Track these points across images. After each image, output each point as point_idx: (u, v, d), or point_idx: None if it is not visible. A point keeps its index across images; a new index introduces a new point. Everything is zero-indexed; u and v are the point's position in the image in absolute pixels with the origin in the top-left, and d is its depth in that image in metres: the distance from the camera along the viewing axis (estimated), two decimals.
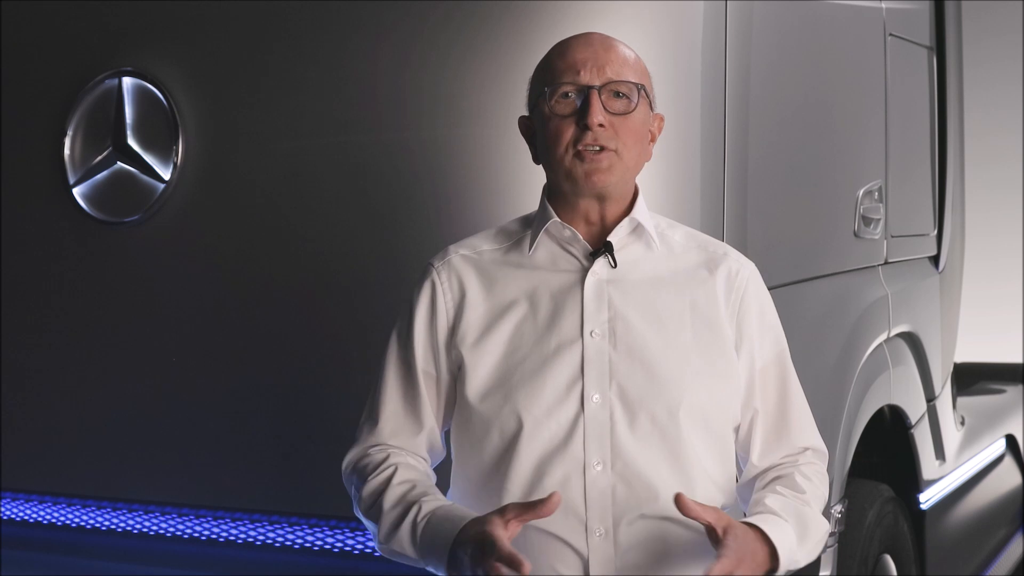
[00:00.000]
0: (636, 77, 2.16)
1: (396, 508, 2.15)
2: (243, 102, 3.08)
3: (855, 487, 3.39)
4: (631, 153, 2.15)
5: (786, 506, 2.16)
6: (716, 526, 2.04)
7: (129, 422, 3.19)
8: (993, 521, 5.12)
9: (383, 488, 2.18)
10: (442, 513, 2.11)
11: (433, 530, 2.09)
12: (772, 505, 2.15)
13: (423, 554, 2.11)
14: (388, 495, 2.17)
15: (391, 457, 2.22)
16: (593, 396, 2.12)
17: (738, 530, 2.05)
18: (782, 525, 2.12)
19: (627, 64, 2.16)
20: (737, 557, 2.02)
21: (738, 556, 2.02)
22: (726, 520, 2.05)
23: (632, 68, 2.16)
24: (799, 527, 2.15)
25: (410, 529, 2.12)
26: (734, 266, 2.24)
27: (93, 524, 3.26)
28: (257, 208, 3.06)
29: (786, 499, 2.17)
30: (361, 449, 2.26)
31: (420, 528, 2.11)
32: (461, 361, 2.18)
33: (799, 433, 2.27)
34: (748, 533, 2.07)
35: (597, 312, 2.15)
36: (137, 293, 3.19)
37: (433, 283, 2.24)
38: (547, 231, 2.20)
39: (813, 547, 2.19)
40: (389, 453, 2.23)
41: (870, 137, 3.61)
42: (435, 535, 2.09)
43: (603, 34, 2.20)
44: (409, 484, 2.18)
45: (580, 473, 2.10)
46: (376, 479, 2.19)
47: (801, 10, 3.20)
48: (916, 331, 3.87)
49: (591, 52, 2.15)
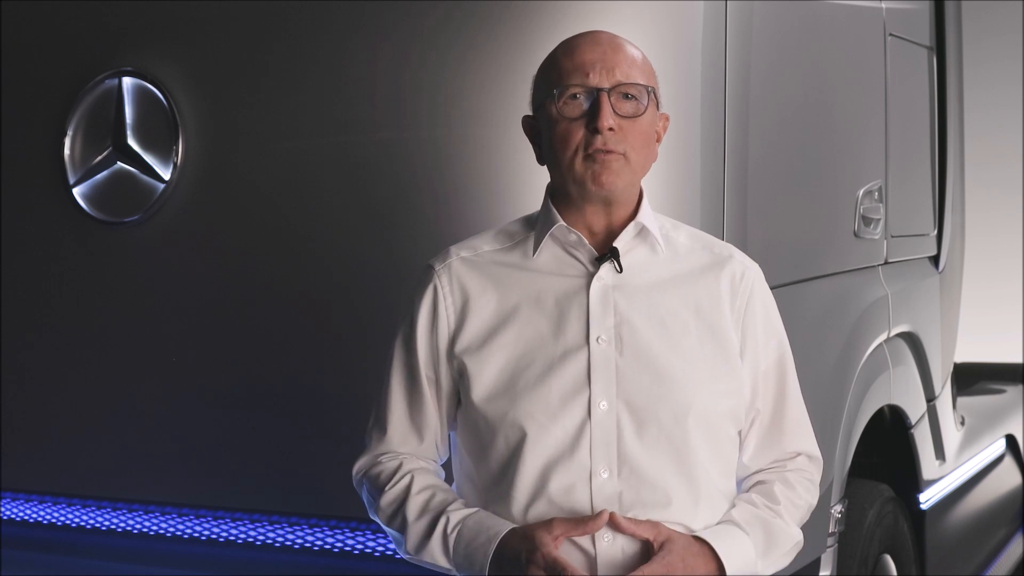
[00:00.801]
0: (645, 79, 2.14)
1: (422, 519, 2.16)
2: (243, 102, 3.08)
3: (855, 487, 3.39)
4: (639, 156, 2.13)
5: (752, 517, 2.16)
6: (654, 541, 2.05)
7: (129, 422, 3.19)
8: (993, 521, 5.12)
9: (404, 497, 2.18)
10: (473, 523, 2.12)
11: (467, 541, 2.10)
12: (736, 516, 2.16)
13: (459, 566, 2.13)
14: (410, 505, 2.17)
15: (404, 464, 2.22)
16: (600, 403, 2.10)
17: (677, 543, 2.06)
18: (738, 537, 2.12)
19: (636, 65, 2.14)
20: (665, 568, 2.03)
21: (666, 567, 2.03)
22: (666, 534, 2.06)
23: (641, 69, 2.15)
24: (764, 538, 2.15)
25: (441, 540, 2.13)
26: (739, 269, 2.22)
27: (93, 524, 3.26)
28: (257, 208, 3.06)
29: (755, 509, 2.18)
30: (371, 457, 2.26)
31: (452, 539, 2.12)
32: (464, 367, 2.17)
33: (792, 438, 2.26)
34: (690, 546, 2.07)
35: (603, 318, 2.13)
36: (137, 293, 3.19)
37: (435, 288, 2.22)
38: (552, 235, 2.18)
39: (780, 557, 2.19)
40: (402, 461, 2.23)
41: (870, 137, 3.61)
42: (471, 546, 2.10)
43: (611, 33, 2.18)
44: (430, 492, 2.18)
45: (586, 481, 2.09)
46: (394, 489, 2.19)
47: (801, 10, 3.20)
48: (916, 331, 3.87)
49: (600, 53, 2.13)
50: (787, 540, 2.19)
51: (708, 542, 2.09)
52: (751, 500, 2.19)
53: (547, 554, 2.03)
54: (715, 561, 2.08)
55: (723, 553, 2.08)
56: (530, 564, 2.03)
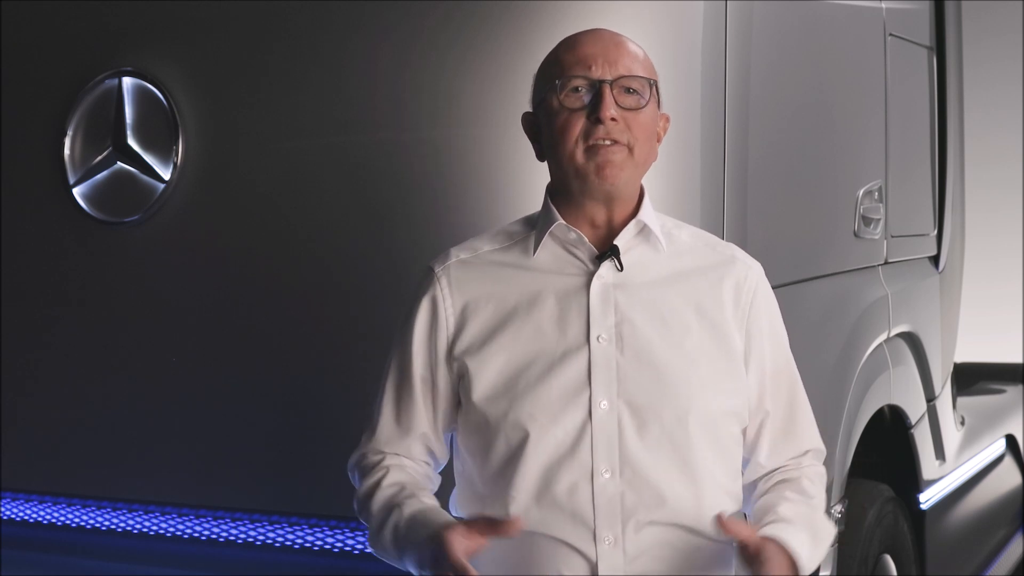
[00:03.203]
0: (647, 73, 2.14)
1: (383, 510, 2.17)
2: (243, 102, 3.08)
3: (855, 487, 3.39)
4: (641, 149, 2.12)
5: (799, 514, 2.16)
6: (749, 543, 2.04)
7: (129, 422, 3.19)
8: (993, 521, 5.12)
9: (373, 490, 2.20)
10: (421, 516, 2.12)
11: (411, 531, 2.11)
12: (786, 514, 2.15)
13: (401, 555, 2.14)
14: (377, 497, 2.19)
15: (384, 460, 2.23)
16: (601, 403, 2.09)
17: (770, 547, 2.05)
18: (799, 534, 2.12)
19: (637, 60, 2.14)
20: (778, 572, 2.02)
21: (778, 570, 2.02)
22: (757, 536, 2.06)
23: (642, 65, 2.14)
24: (811, 533, 2.15)
25: (392, 530, 2.14)
26: (742, 269, 2.21)
27: (93, 524, 3.26)
28: (257, 208, 3.06)
29: (798, 507, 2.17)
30: (359, 454, 2.28)
31: (401, 529, 2.13)
32: (465, 368, 2.16)
33: (804, 435, 2.27)
34: (778, 549, 2.06)
35: (603, 317, 2.12)
36: (137, 293, 3.19)
37: (435, 291, 2.20)
38: (551, 233, 2.17)
39: (822, 552, 2.20)
40: (384, 457, 2.24)
41: (870, 137, 3.62)
42: (412, 536, 2.10)
43: (612, 30, 2.18)
44: (397, 487, 2.19)
45: (588, 480, 2.09)
46: (368, 482, 2.22)
47: (801, 10, 3.20)
48: (916, 331, 3.87)
49: (602, 47, 2.12)
50: (828, 533, 2.21)
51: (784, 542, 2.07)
52: (789, 498, 2.19)
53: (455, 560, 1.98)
54: (790, 558, 2.07)
55: (797, 551, 2.08)
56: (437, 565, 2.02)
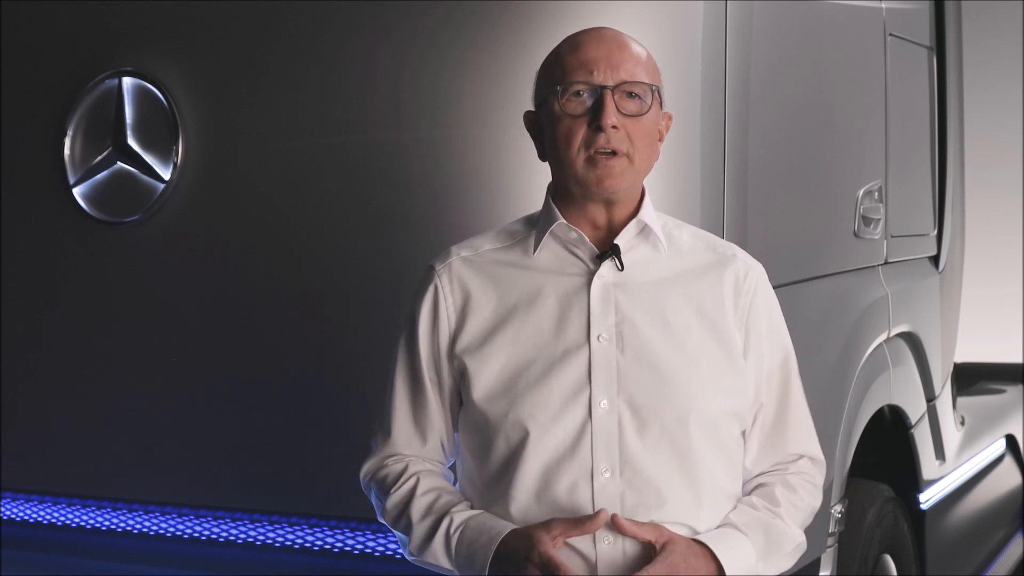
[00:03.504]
0: (649, 78, 2.13)
1: (426, 520, 2.16)
2: (243, 102, 3.08)
3: (855, 487, 3.39)
4: (642, 156, 2.12)
5: (751, 520, 2.15)
6: (656, 543, 2.04)
7: (129, 422, 3.19)
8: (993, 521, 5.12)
9: (408, 499, 2.18)
10: (475, 524, 2.11)
11: (469, 542, 2.10)
12: (735, 519, 2.15)
13: (460, 566, 2.12)
14: (415, 506, 2.17)
15: (411, 467, 2.22)
16: (601, 402, 2.09)
17: (678, 545, 2.05)
18: (738, 540, 2.11)
19: (640, 63, 2.13)
20: (667, 568, 2.02)
21: (669, 568, 2.02)
22: (667, 536, 2.05)
23: (645, 68, 2.13)
24: (764, 541, 2.14)
25: (444, 541, 2.13)
26: (742, 269, 2.21)
27: (93, 524, 3.26)
28: (257, 208, 3.06)
29: (754, 512, 2.16)
30: (378, 460, 2.25)
31: (455, 540, 2.12)
32: (465, 367, 2.16)
33: (795, 440, 2.25)
34: (691, 548, 2.06)
35: (604, 316, 2.12)
36: (137, 293, 3.19)
37: (435, 288, 2.20)
38: (552, 233, 2.16)
39: (782, 559, 2.18)
40: (408, 463, 2.22)
41: (870, 137, 3.61)
42: (472, 547, 2.09)
43: (615, 30, 2.16)
44: (435, 493, 2.18)
45: (588, 480, 2.08)
46: (400, 491, 2.19)
47: (801, 10, 3.20)
48: (916, 331, 3.87)
49: (604, 50, 2.11)
50: (788, 542, 2.18)
51: (708, 545, 2.08)
52: (751, 503, 2.19)
53: (543, 552, 2.02)
54: (715, 563, 2.07)
55: (722, 556, 2.07)
56: (527, 563, 2.03)
